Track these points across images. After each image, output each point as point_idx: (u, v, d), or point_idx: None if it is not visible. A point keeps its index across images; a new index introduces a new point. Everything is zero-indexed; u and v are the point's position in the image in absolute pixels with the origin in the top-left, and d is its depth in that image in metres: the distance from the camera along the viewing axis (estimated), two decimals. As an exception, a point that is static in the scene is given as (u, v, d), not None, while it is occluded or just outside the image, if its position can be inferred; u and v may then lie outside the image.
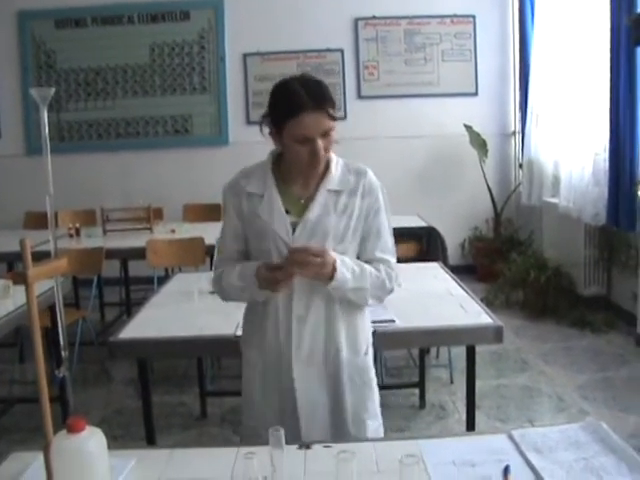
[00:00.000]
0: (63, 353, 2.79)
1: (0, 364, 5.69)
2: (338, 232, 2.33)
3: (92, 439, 1.65)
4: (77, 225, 6.54)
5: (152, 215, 6.50)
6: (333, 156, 2.39)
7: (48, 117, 8.18)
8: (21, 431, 4.45)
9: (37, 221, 7.10)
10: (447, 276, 3.99)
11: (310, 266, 2.22)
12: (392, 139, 8.09)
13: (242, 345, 2.56)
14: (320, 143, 2.23)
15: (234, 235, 2.45)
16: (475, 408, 3.23)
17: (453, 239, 7.35)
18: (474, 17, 8.10)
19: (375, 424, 2.49)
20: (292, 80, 2.26)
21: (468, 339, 3.11)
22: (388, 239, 2.43)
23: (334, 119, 2.24)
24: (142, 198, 7.22)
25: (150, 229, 6.38)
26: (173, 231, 6.26)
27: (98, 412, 4.82)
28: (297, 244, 2.29)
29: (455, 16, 8.06)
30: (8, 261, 6.22)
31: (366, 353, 2.48)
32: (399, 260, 2.51)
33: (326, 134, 2.24)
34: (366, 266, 2.35)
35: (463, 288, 3.66)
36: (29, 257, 1.64)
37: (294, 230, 2.33)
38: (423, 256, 5.05)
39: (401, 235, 5.24)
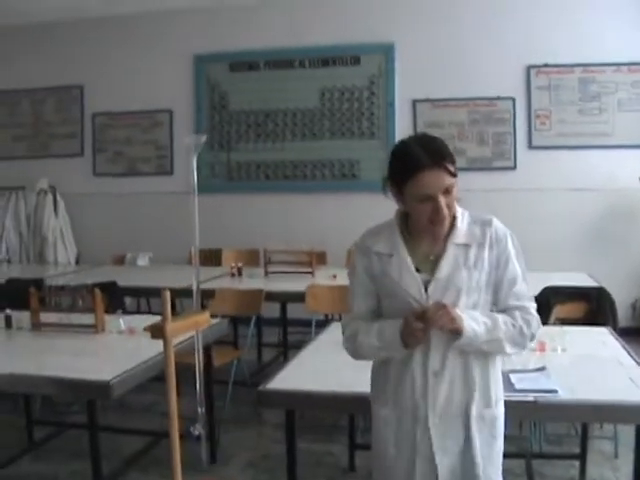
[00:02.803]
0: (200, 410, 2.76)
1: (154, 395, 5.79)
2: (470, 286, 2.33)
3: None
4: (239, 264, 6.64)
5: (314, 259, 6.51)
6: (458, 209, 2.36)
7: (219, 157, 8.49)
8: (169, 464, 4.48)
9: (203, 258, 7.25)
10: (617, 343, 3.73)
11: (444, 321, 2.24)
12: (562, 191, 7.76)
13: (373, 403, 2.56)
14: (442, 200, 2.23)
15: (365, 294, 2.47)
16: None
17: (623, 299, 6.95)
18: (653, 64, 7.72)
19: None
20: (409, 139, 2.30)
21: (637, 418, 2.86)
22: (522, 285, 2.40)
23: (454, 175, 2.23)
24: (305, 241, 7.27)
25: (312, 273, 6.38)
26: (334, 277, 6.22)
27: (246, 454, 4.82)
28: (431, 301, 2.30)
29: (632, 64, 7.68)
30: (171, 297, 6.36)
31: (497, 405, 2.45)
32: (565, 322, 2.40)
33: (447, 191, 2.23)
34: (498, 316, 2.34)
35: (634, 358, 3.39)
36: (169, 310, 1.60)
37: (426, 288, 2.34)
38: (591, 318, 4.78)
39: (568, 294, 5.04)
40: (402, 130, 8.04)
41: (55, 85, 9.01)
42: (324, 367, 3.42)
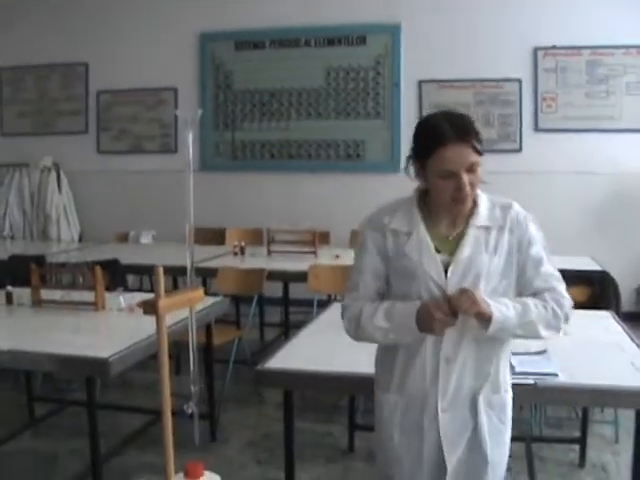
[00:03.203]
0: (193, 388, 2.75)
1: (156, 374, 5.79)
2: (490, 271, 2.25)
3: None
4: (242, 243, 6.63)
5: (317, 239, 6.49)
6: (479, 191, 2.28)
7: (224, 136, 8.45)
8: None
9: (207, 236, 7.27)
10: (619, 328, 3.70)
11: (467, 305, 2.15)
12: (567, 175, 7.71)
13: (377, 388, 2.49)
14: (465, 178, 2.14)
15: (374, 274, 2.37)
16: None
17: (628, 283, 6.93)
18: (663, 48, 7.64)
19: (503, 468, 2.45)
20: (436, 114, 2.24)
21: (638, 403, 2.84)
22: (548, 267, 2.33)
23: (480, 153, 2.15)
24: (309, 221, 7.24)
25: (314, 253, 6.36)
26: (337, 257, 6.19)
27: (246, 433, 4.82)
28: (450, 285, 2.23)
29: (642, 47, 7.64)
30: (173, 275, 6.35)
31: (506, 391, 2.43)
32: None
33: (471, 169, 2.15)
34: (528, 299, 2.27)
35: (636, 343, 3.37)
36: (162, 287, 1.57)
37: (446, 270, 2.25)
38: (594, 302, 4.75)
39: (571, 278, 5.00)
40: (407, 111, 8.02)
41: (60, 62, 8.96)
42: (324, 347, 3.41)
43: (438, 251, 2.27)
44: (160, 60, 8.55)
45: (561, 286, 2.33)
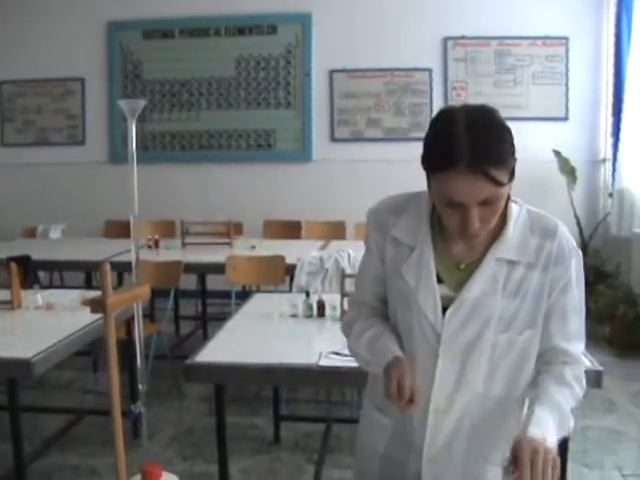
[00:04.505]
0: (140, 387, 2.69)
1: (73, 372, 5.69)
2: (504, 318, 1.74)
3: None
4: (156, 236, 6.55)
5: (232, 230, 6.46)
6: (515, 208, 1.79)
7: (131, 127, 8.16)
8: (91, 443, 4.40)
9: (117, 230, 7.15)
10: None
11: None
12: (479, 162, 7.86)
13: (368, 400, 2.04)
14: (475, 213, 1.61)
15: (373, 276, 1.92)
16: (566, 459, 2.99)
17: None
18: (567, 39, 7.83)
19: None
20: (457, 115, 1.62)
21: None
22: (575, 320, 1.81)
23: (501, 184, 1.60)
24: (222, 211, 7.19)
25: (230, 244, 6.33)
26: (253, 247, 6.20)
27: (169, 429, 4.77)
28: (447, 329, 1.76)
29: (547, 38, 7.81)
30: (86, 270, 6.23)
31: None
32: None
33: (486, 202, 1.61)
34: (556, 395, 1.73)
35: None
36: (109, 285, 1.53)
37: (445, 309, 1.77)
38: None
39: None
40: (318, 101, 8.07)
41: (-42, 50, 8.65)
42: (251, 339, 3.41)
43: (441, 281, 1.79)
44: (66, 49, 8.32)
45: (580, 347, 1.84)
